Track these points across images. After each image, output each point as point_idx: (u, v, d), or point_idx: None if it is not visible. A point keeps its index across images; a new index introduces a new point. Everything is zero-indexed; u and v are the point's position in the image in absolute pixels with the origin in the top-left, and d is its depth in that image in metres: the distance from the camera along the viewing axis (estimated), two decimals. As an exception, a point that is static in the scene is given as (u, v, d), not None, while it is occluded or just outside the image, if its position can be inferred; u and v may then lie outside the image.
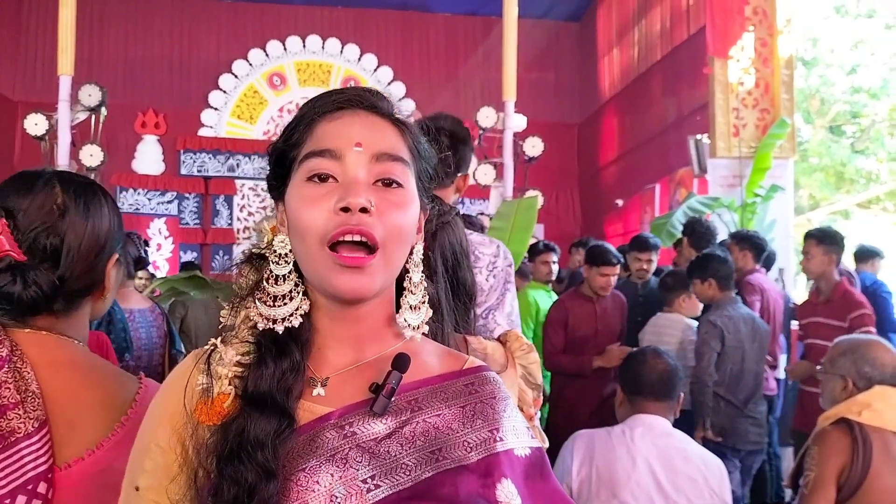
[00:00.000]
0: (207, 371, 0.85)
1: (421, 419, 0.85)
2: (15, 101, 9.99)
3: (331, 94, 0.89)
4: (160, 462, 0.84)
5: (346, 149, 0.84)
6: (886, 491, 2.17)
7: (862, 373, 2.38)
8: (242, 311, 0.89)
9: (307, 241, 0.82)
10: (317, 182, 0.83)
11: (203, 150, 10.06)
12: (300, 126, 0.88)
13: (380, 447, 0.81)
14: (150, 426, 0.87)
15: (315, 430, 0.82)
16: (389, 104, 0.91)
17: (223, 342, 0.87)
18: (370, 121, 0.87)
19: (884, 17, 13.24)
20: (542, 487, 0.87)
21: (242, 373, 0.84)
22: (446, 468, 0.81)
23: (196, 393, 0.85)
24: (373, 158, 0.84)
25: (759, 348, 3.80)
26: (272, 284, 0.86)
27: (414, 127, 0.93)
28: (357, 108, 0.88)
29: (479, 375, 0.92)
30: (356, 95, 0.89)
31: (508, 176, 6.38)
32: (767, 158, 6.41)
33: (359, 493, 0.78)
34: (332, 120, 0.87)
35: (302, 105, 0.91)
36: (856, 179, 13.63)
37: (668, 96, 8.72)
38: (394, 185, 0.85)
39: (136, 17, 10.53)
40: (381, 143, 0.86)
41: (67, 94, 5.84)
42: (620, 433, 2.32)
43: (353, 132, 0.85)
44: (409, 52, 11.22)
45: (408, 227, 0.86)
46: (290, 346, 0.85)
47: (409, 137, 0.90)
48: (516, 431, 0.88)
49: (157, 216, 9.82)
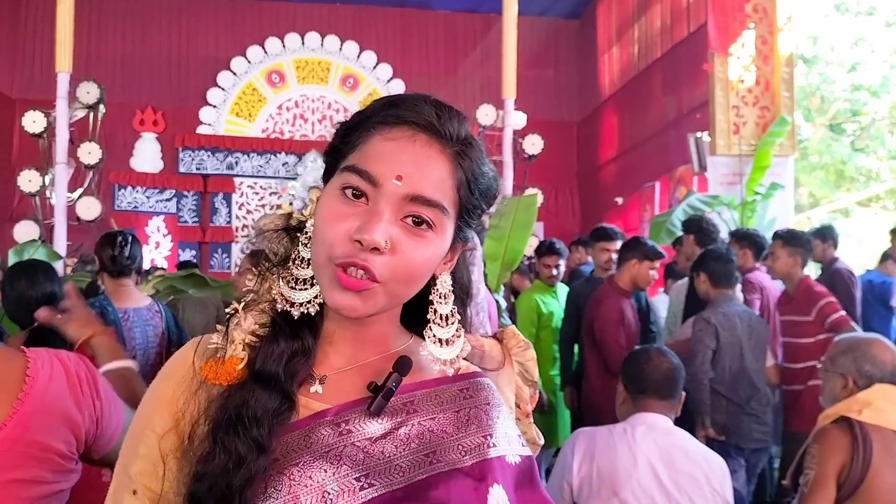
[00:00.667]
0: (225, 333, 0.86)
1: (416, 421, 0.85)
2: (13, 99, 9.97)
3: (399, 105, 0.84)
4: (155, 447, 0.84)
5: (386, 178, 0.80)
6: (887, 489, 2.17)
7: (862, 371, 2.38)
8: (268, 281, 0.89)
9: (318, 251, 0.82)
10: (348, 197, 0.81)
11: (202, 147, 10.06)
12: (359, 128, 0.85)
13: (374, 447, 0.82)
14: (147, 412, 0.87)
15: (310, 426, 0.82)
16: (459, 128, 0.85)
17: (245, 308, 0.88)
18: (424, 153, 0.82)
19: (884, 14, 13.23)
20: (532, 496, 0.88)
21: (255, 342, 0.85)
22: (440, 470, 0.82)
23: (207, 352, 0.86)
24: (408, 197, 0.80)
25: (757, 345, 3.78)
26: (298, 266, 0.87)
27: (477, 158, 0.86)
28: (418, 131, 0.82)
29: (474, 381, 0.92)
30: (423, 116, 0.83)
31: (508, 174, 6.38)
32: (767, 156, 6.40)
33: (351, 490, 0.78)
34: (388, 139, 0.82)
35: (371, 102, 0.87)
36: (856, 177, 13.63)
37: (668, 94, 8.71)
38: (423, 225, 0.81)
39: (135, 14, 10.51)
40: (423, 182, 0.81)
41: (66, 92, 5.84)
42: (622, 431, 2.32)
43: (399, 162, 0.81)
44: (408, 50, 11.20)
45: (420, 270, 0.83)
46: (304, 331, 0.85)
47: (462, 174, 0.84)
48: (508, 438, 0.89)
49: (155, 214, 9.83)
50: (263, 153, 10.16)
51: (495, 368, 1.56)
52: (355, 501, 0.78)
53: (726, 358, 3.67)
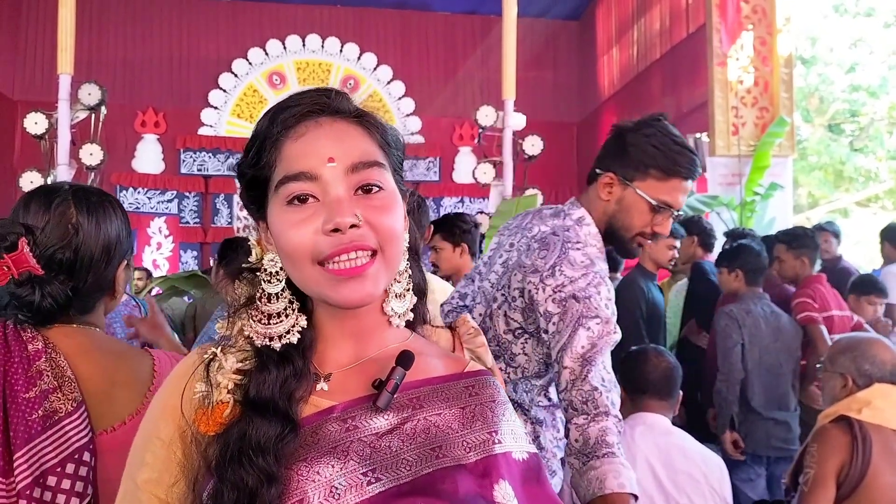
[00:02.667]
0: (206, 379, 0.85)
1: (422, 416, 0.86)
2: (15, 101, 9.97)
3: (289, 107, 0.86)
4: (161, 455, 0.85)
5: (320, 167, 0.82)
6: (886, 488, 2.18)
7: (862, 370, 2.39)
8: (238, 322, 0.89)
9: (298, 262, 0.82)
10: (297, 205, 0.82)
11: (203, 148, 10.07)
12: (266, 147, 0.86)
13: (381, 442, 0.82)
14: (153, 419, 0.88)
15: (318, 422, 0.83)
16: (348, 101, 0.88)
17: (222, 351, 0.87)
18: (336, 129, 0.85)
19: (883, 15, 13.25)
20: (539, 492, 0.88)
21: (242, 380, 0.84)
22: (446, 465, 0.82)
23: (195, 401, 0.85)
24: (348, 170, 0.83)
25: (784, 348, 3.60)
26: (265, 303, 0.87)
27: (378, 118, 0.90)
28: (319, 117, 0.85)
29: (480, 379, 0.93)
30: (315, 103, 0.86)
31: (508, 175, 6.39)
32: (766, 157, 6.42)
33: (359, 485, 0.78)
34: (298, 137, 0.84)
35: (259, 120, 0.88)
36: (854, 178, 13.64)
37: (667, 95, 8.73)
38: (374, 189, 0.84)
39: (136, 15, 10.51)
40: (352, 152, 0.84)
41: (67, 93, 5.84)
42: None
43: (322, 147, 0.83)
44: (408, 51, 11.21)
45: (399, 227, 0.86)
46: (292, 354, 0.85)
47: (376, 132, 0.88)
48: (515, 435, 0.89)
49: (157, 215, 9.83)
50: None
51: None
52: (363, 496, 0.78)
53: (745, 358, 3.53)
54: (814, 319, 3.70)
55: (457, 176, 10.62)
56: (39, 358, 1.19)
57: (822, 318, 3.71)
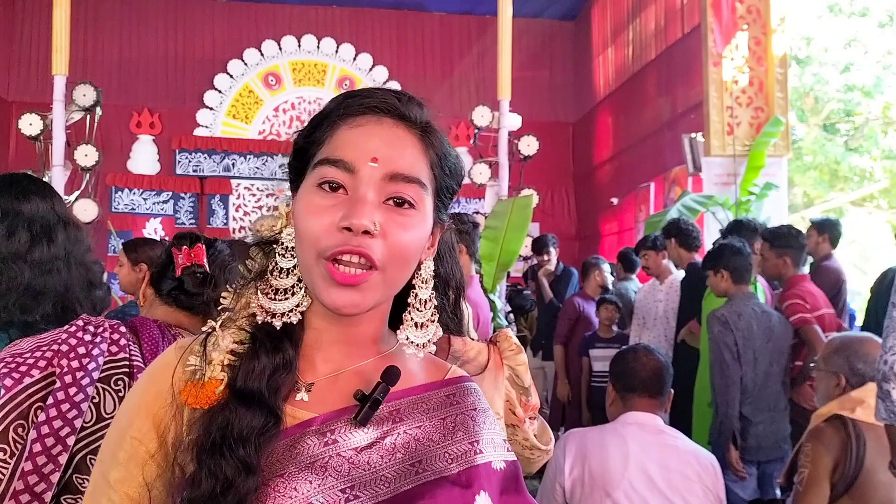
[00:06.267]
0: (203, 354, 0.84)
1: (402, 430, 0.84)
2: (9, 102, 9.95)
3: (359, 95, 0.85)
4: (133, 454, 0.82)
5: (361, 162, 0.80)
6: (880, 487, 2.18)
7: (855, 369, 2.39)
8: (244, 297, 0.87)
9: (305, 250, 0.81)
10: (326, 191, 0.81)
11: (198, 149, 10.05)
12: (323, 125, 0.85)
13: (360, 457, 0.81)
14: (127, 416, 0.85)
15: (296, 435, 0.81)
16: (420, 111, 0.86)
17: (221, 327, 0.86)
18: (393, 133, 0.83)
19: (877, 15, 13.27)
20: (518, 500, 0.88)
21: (235, 361, 0.83)
22: (426, 480, 0.81)
23: (185, 374, 0.83)
24: (386, 177, 0.80)
25: (776, 349, 3.55)
26: (276, 277, 0.85)
27: (442, 138, 0.87)
28: (383, 116, 0.83)
29: (461, 386, 0.91)
30: (384, 101, 0.84)
31: (503, 175, 6.40)
32: (762, 157, 6.43)
33: (337, 502, 0.77)
34: (354, 126, 0.82)
35: (330, 100, 0.87)
36: (850, 177, 13.66)
37: (662, 95, 8.74)
38: (405, 205, 0.81)
39: (131, 16, 10.49)
40: (399, 161, 0.81)
41: (62, 94, 5.84)
42: (612, 431, 2.32)
43: (371, 145, 0.81)
44: (404, 52, 11.21)
45: (412, 250, 0.83)
46: (285, 343, 0.84)
47: (433, 152, 0.85)
48: (494, 444, 0.88)
49: (152, 216, 9.81)
50: (260, 155, 10.15)
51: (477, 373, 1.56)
52: None
53: (740, 360, 3.48)
54: (807, 321, 3.67)
55: (453, 176, 10.61)
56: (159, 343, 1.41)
57: (814, 318, 3.69)
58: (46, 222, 1.47)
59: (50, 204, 1.50)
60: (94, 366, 1.28)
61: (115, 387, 1.31)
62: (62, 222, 1.50)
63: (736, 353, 3.47)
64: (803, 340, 3.67)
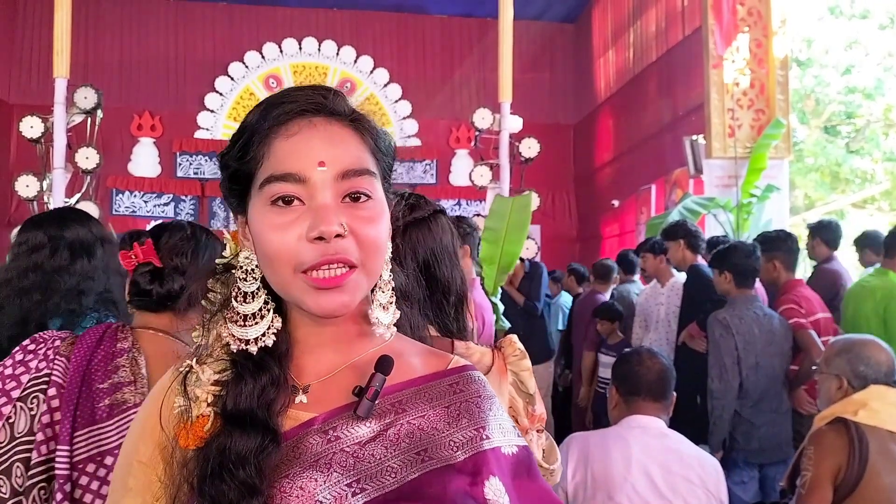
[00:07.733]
0: (184, 392, 0.83)
1: (405, 421, 0.84)
2: (10, 104, 9.97)
3: (282, 102, 0.83)
4: (143, 480, 0.83)
5: (310, 170, 0.79)
6: (883, 490, 2.17)
7: (857, 372, 2.39)
8: (214, 329, 0.86)
9: (279, 268, 0.80)
10: (281, 206, 0.80)
11: (199, 152, 10.06)
12: (254, 141, 0.82)
13: (364, 451, 0.80)
14: (132, 442, 0.86)
15: (298, 436, 0.81)
16: (345, 102, 0.85)
17: (198, 362, 0.85)
18: (329, 132, 0.82)
19: (878, 17, 13.28)
20: (530, 486, 0.86)
21: (221, 391, 0.82)
22: (432, 468, 0.80)
23: (174, 416, 0.83)
24: (338, 176, 0.80)
25: (778, 353, 3.51)
26: (241, 302, 0.84)
27: (373, 122, 0.87)
28: (312, 117, 0.82)
29: (464, 375, 0.91)
30: (310, 102, 0.83)
31: (505, 177, 6.39)
32: (763, 159, 6.42)
33: (343, 497, 0.77)
34: (290, 136, 0.81)
35: (250, 112, 0.85)
36: (851, 179, 13.66)
37: (663, 97, 8.74)
38: (362, 198, 0.82)
39: (132, 19, 10.51)
40: (344, 157, 0.81)
41: (63, 97, 5.84)
42: (615, 435, 2.31)
43: (313, 150, 0.80)
44: (405, 54, 11.22)
45: (382, 239, 0.84)
46: (268, 361, 0.83)
47: (369, 137, 0.86)
48: (503, 429, 0.87)
49: (153, 219, 9.80)
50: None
51: None
52: None
53: (741, 364, 3.44)
54: (803, 325, 3.61)
55: (453, 178, 10.63)
56: (121, 355, 1.43)
57: (810, 322, 3.64)
58: (86, 242, 1.86)
59: (87, 228, 1.89)
60: (14, 385, 1.40)
61: (30, 405, 1.39)
62: (99, 241, 1.89)
63: (737, 357, 3.46)
64: (799, 345, 3.65)
